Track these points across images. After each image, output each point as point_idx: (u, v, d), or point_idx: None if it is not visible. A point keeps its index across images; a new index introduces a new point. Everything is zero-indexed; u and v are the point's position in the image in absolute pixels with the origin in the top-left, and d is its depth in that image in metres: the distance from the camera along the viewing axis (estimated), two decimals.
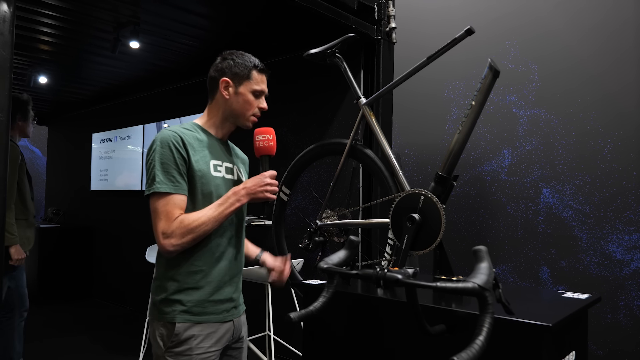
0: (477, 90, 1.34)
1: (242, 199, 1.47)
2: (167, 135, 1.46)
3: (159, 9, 3.19)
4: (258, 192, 1.47)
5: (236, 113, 1.57)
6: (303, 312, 1.05)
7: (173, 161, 1.43)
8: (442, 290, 0.87)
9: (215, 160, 1.55)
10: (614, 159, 2.43)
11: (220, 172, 1.55)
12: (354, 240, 1.15)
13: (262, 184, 1.47)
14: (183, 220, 1.41)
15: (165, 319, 1.44)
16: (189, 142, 1.48)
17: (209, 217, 1.43)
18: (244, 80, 1.55)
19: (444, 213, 1.35)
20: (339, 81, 1.97)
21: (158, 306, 1.47)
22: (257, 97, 1.58)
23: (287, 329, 3.51)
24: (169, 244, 1.40)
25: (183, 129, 1.52)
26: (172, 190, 1.42)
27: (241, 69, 1.55)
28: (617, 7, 2.46)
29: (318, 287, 1.47)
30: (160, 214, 1.42)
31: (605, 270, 2.43)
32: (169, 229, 1.40)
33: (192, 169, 1.46)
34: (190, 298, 1.45)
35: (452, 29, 1.58)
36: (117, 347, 4.01)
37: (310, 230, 1.84)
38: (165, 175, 1.42)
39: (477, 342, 0.80)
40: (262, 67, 1.58)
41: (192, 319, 1.44)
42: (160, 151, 1.44)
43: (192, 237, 1.41)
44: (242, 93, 1.55)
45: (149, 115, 5.21)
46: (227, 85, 1.55)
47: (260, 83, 1.57)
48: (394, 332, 1.26)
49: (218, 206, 1.45)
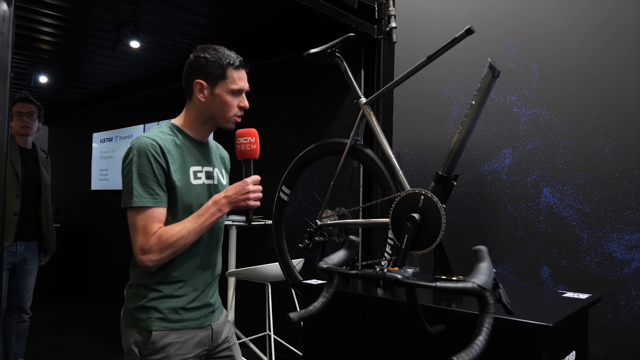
0: (477, 90, 1.34)
1: (223, 208, 1.40)
2: (145, 143, 1.37)
3: (159, 8, 3.19)
4: (240, 200, 1.40)
5: (215, 116, 1.47)
6: (303, 312, 1.05)
7: (152, 172, 1.36)
8: (441, 290, 0.86)
9: (195, 166, 1.48)
10: (614, 158, 2.43)
11: (201, 178, 1.49)
12: (353, 240, 1.14)
13: (244, 191, 1.40)
14: (161, 236, 1.34)
15: (140, 325, 1.39)
16: (168, 149, 1.40)
17: (189, 230, 1.36)
18: (219, 80, 1.43)
19: (444, 213, 1.35)
20: (339, 81, 1.96)
21: (133, 313, 1.42)
22: (237, 96, 1.47)
23: (287, 329, 3.51)
24: (147, 260, 1.34)
25: (161, 134, 1.43)
26: (151, 204, 1.35)
27: (215, 69, 1.43)
28: (619, 8, 2.45)
29: (318, 287, 1.47)
30: (138, 228, 1.36)
31: (606, 270, 2.43)
32: (147, 245, 1.34)
33: (171, 179, 1.39)
34: (167, 306, 1.40)
35: (453, 29, 1.57)
36: (117, 345, 4.00)
37: (310, 230, 1.84)
38: (143, 188, 1.35)
39: (477, 342, 0.80)
40: (239, 63, 1.46)
41: (169, 326, 1.40)
42: (137, 162, 1.36)
43: (171, 252, 1.36)
44: (218, 94, 1.44)
45: (150, 114, 5.21)
46: (202, 88, 1.44)
47: (237, 81, 1.45)
48: (394, 332, 1.26)
49: (198, 217, 1.39)
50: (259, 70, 4.09)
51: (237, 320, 3.50)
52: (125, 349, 1.43)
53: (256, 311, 3.76)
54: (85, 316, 5.11)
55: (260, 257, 3.75)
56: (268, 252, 3.71)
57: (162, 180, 1.38)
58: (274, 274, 2.85)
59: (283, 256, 2.07)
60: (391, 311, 1.29)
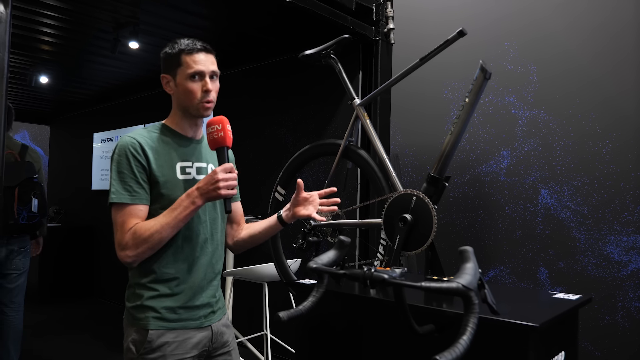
0: (468, 92, 1.34)
1: (196, 200, 1.35)
2: (125, 142, 1.40)
3: (158, 9, 3.20)
4: (210, 190, 1.34)
5: (184, 106, 1.46)
6: (292, 312, 1.06)
7: (129, 170, 1.38)
8: (427, 290, 0.87)
9: (183, 161, 1.47)
10: (612, 160, 2.42)
11: (190, 173, 1.47)
12: (343, 240, 1.15)
13: (213, 181, 1.34)
14: (136, 231, 1.35)
15: (138, 324, 1.40)
16: (151, 145, 1.41)
17: (162, 224, 1.34)
18: (176, 68, 1.43)
19: (436, 214, 1.35)
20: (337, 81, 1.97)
21: (131, 312, 1.43)
22: (197, 80, 1.43)
23: (284, 329, 3.51)
24: (125, 256, 1.36)
25: (145, 132, 1.45)
26: (129, 201, 1.37)
27: (171, 59, 1.44)
28: (617, 10, 2.45)
29: (311, 287, 1.47)
30: (116, 224, 1.38)
31: (603, 272, 2.42)
32: (124, 241, 1.36)
33: (153, 175, 1.40)
34: (164, 305, 1.40)
35: (451, 30, 1.57)
36: (117, 344, 4.02)
37: (304, 230, 1.84)
38: (121, 185, 1.37)
39: (460, 342, 0.80)
40: (192, 47, 1.43)
41: (166, 326, 1.39)
42: (117, 159, 1.39)
43: (147, 247, 1.35)
44: (179, 83, 1.44)
45: (150, 115, 5.22)
46: (167, 81, 1.47)
47: (193, 65, 1.41)
48: (386, 331, 1.26)
49: (172, 211, 1.36)
50: (257, 71, 4.11)
51: (235, 320, 3.50)
52: (124, 347, 1.44)
53: (253, 311, 3.76)
54: (86, 315, 5.13)
55: (257, 257, 3.75)
56: (265, 253, 3.71)
57: (142, 178, 1.38)
58: (271, 274, 2.86)
59: (278, 256, 2.08)
60: (383, 311, 1.29)
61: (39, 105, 6.36)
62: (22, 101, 6.04)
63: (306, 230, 1.84)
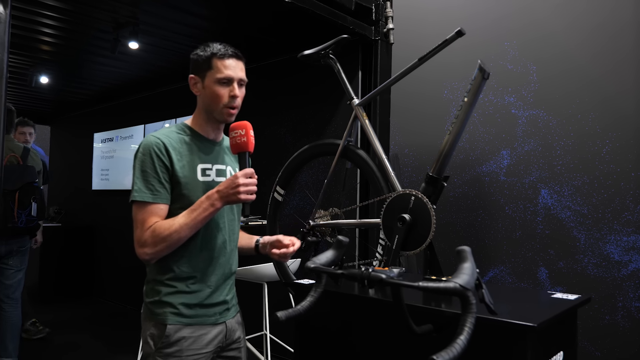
0: (467, 92, 1.34)
1: (215, 203, 1.39)
2: (150, 141, 1.44)
3: (157, 9, 3.20)
4: (230, 194, 1.37)
5: (209, 109, 1.50)
6: (291, 311, 1.06)
7: (153, 169, 1.41)
8: (424, 290, 0.87)
9: (204, 163, 1.50)
10: (612, 160, 2.42)
11: (210, 175, 1.50)
12: (341, 240, 1.15)
13: (234, 185, 1.37)
14: (155, 229, 1.38)
15: (156, 319, 1.44)
16: (174, 147, 1.45)
17: (181, 224, 1.38)
18: (206, 71, 1.47)
19: (435, 214, 1.35)
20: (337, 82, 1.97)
21: (149, 307, 1.47)
22: (226, 85, 1.46)
23: (284, 328, 3.51)
24: (143, 253, 1.40)
25: (169, 133, 1.48)
26: (150, 200, 1.40)
27: (202, 61, 1.48)
28: (616, 10, 2.44)
29: (309, 287, 1.47)
30: (137, 222, 1.41)
31: (603, 272, 2.42)
32: (143, 238, 1.39)
33: (175, 175, 1.43)
34: (182, 301, 1.44)
35: (451, 30, 1.57)
36: (118, 345, 4.03)
37: (303, 230, 1.84)
38: (144, 183, 1.40)
39: (457, 341, 0.80)
40: (224, 52, 1.47)
41: (183, 321, 1.43)
42: (141, 158, 1.42)
43: (165, 245, 1.38)
44: (207, 86, 1.47)
45: (150, 115, 5.23)
46: (195, 82, 1.51)
47: (224, 70, 1.46)
48: (384, 331, 1.26)
49: (191, 212, 1.39)
50: (257, 71, 4.10)
51: None
52: (142, 340, 1.49)
53: (253, 311, 3.76)
54: (86, 315, 5.13)
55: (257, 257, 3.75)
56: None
57: (165, 178, 1.42)
58: (271, 274, 2.86)
59: None
60: (382, 311, 1.29)
61: (39, 105, 6.36)
62: (23, 101, 6.04)
63: (305, 230, 1.84)
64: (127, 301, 5.47)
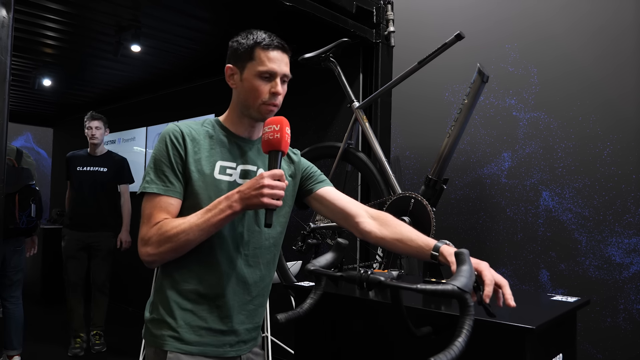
0: (466, 95, 1.34)
1: (234, 205, 1.16)
2: (168, 129, 1.26)
3: (159, 13, 3.22)
4: (252, 196, 1.14)
5: (245, 104, 1.29)
6: (291, 314, 1.06)
7: (167, 158, 1.22)
8: (422, 292, 0.87)
9: (226, 161, 1.29)
10: (613, 162, 2.42)
11: (231, 175, 1.29)
12: (341, 242, 1.15)
13: (257, 186, 1.13)
14: (162, 227, 1.19)
15: (155, 343, 1.24)
16: (194, 137, 1.26)
17: (192, 224, 1.17)
18: (247, 62, 1.27)
19: (434, 216, 1.35)
20: (338, 84, 1.97)
21: (148, 326, 1.28)
22: (268, 81, 1.27)
23: (285, 330, 3.51)
24: (145, 253, 1.21)
25: (193, 124, 1.30)
26: (161, 192, 1.21)
27: (243, 50, 1.27)
28: (618, 13, 2.45)
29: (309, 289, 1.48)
30: (143, 216, 1.23)
31: (605, 274, 2.42)
32: (147, 235, 1.20)
33: (188, 167, 1.23)
34: (182, 321, 1.22)
35: (452, 33, 1.58)
36: (119, 346, 4.04)
37: (303, 233, 1.85)
38: (156, 173, 1.22)
39: (456, 343, 0.81)
40: (269, 42, 1.28)
41: (184, 348, 1.21)
42: (157, 147, 1.25)
43: (170, 247, 1.18)
44: (246, 79, 1.27)
45: (152, 117, 5.24)
46: (232, 73, 1.30)
47: (267, 62, 1.26)
48: (383, 333, 1.26)
49: (205, 212, 1.18)
50: None
51: None
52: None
53: None
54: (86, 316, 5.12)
55: None
56: None
57: (179, 168, 1.23)
58: None
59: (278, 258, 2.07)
60: (382, 313, 1.30)
61: (42, 107, 6.39)
62: (26, 104, 6.07)
63: (306, 232, 1.85)
64: (128, 303, 5.48)
